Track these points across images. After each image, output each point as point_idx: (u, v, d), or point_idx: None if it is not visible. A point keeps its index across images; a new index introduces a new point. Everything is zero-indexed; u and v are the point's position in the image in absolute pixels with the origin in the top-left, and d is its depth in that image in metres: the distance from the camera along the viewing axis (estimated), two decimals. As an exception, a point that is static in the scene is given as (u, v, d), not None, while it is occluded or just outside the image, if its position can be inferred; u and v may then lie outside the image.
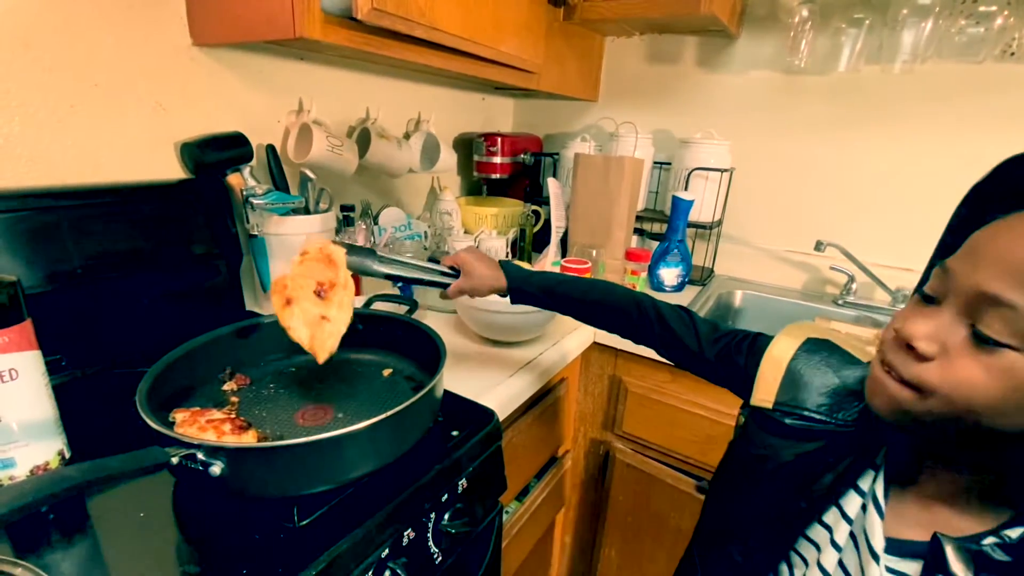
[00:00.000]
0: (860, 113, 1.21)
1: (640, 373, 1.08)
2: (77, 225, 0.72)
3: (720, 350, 0.58)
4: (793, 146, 1.31)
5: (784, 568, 0.49)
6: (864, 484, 0.44)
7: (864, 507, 0.43)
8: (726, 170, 1.28)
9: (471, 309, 0.93)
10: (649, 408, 1.08)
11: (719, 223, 1.37)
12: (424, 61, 0.91)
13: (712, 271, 1.43)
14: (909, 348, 0.36)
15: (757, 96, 1.33)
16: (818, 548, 0.46)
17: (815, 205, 1.31)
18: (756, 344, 0.55)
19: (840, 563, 0.43)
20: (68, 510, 0.50)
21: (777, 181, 1.35)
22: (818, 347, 0.50)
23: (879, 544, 0.40)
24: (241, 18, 0.76)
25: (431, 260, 0.74)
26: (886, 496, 0.42)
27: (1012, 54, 1.03)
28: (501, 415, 0.75)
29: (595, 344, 1.11)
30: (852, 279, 1.25)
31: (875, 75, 1.17)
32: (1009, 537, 0.35)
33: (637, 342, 0.67)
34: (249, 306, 0.97)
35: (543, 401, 0.99)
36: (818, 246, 1.22)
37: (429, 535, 0.58)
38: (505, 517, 0.96)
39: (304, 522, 0.49)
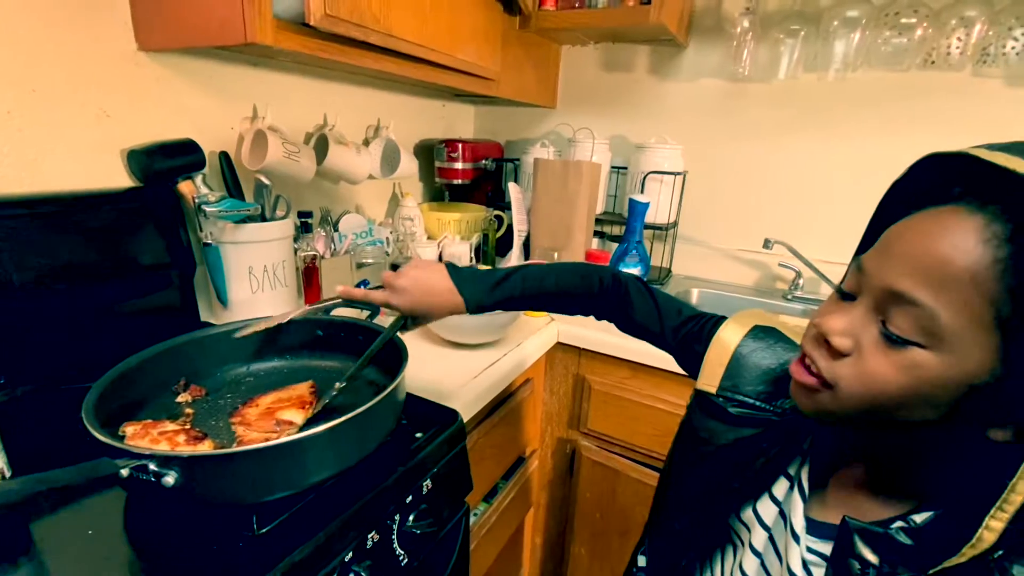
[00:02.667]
0: (800, 118, 1.29)
1: (603, 371, 1.11)
2: (15, 235, 0.68)
3: (682, 338, 0.58)
4: (741, 149, 1.37)
5: (729, 548, 0.51)
6: (792, 469, 0.46)
7: (791, 490, 0.45)
8: (679, 173, 1.33)
9: (434, 313, 0.94)
10: (612, 405, 1.11)
11: (675, 224, 1.41)
12: (380, 68, 0.91)
13: (670, 271, 1.47)
14: (827, 343, 0.37)
15: (706, 102, 1.39)
16: (749, 529, 0.47)
17: (762, 205, 1.38)
18: (714, 330, 0.55)
19: (771, 540, 0.46)
20: (9, 531, 0.48)
21: (727, 183, 1.41)
22: (764, 335, 0.51)
23: (799, 525, 0.42)
24: (189, 23, 0.75)
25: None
26: (811, 482, 0.44)
27: (932, 63, 1.12)
28: (466, 416, 0.76)
29: (559, 344, 1.13)
30: (799, 275, 1.32)
31: (812, 82, 1.25)
32: (914, 521, 0.36)
33: (600, 318, 0.66)
34: (204, 317, 0.95)
35: (509, 402, 1.00)
36: (766, 244, 1.29)
37: (394, 537, 0.58)
38: (473, 519, 0.96)
39: (264, 530, 0.48)
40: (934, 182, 0.35)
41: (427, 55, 0.95)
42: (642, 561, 0.61)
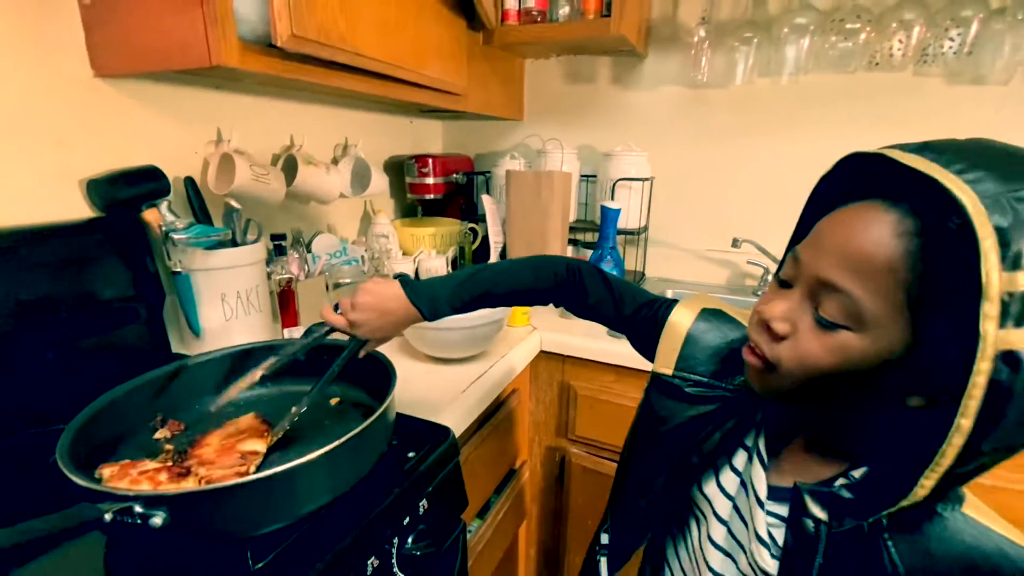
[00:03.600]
0: (758, 121, 1.34)
1: (587, 376, 1.12)
2: (-32, 275, 0.65)
3: (638, 322, 0.61)
4: (704, 153, 1.42)
5: (692, 520, 0.54)
6: (749, 441, 0.50)
7: (750, 460, 0.48)
8: (647, 179, 1.36)
9: (416, 329, 0.93)
10: (598, 410, 1.12)
11: (645, 229, 1.44)
12: (348, 86, 0.91)
13: (644, 274, 1.50)
14: (768, 328, 0.41)
15: (668, 109, 1.43)
16: (711, 501, 0.51)
17: (728, 205, 1.42)
18: (666, 315, 0.57)
19: (736, 508, 0.49)
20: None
21: (693, 186, 1.45)
22: (711, 316, 0.55)
23: (763, 492, 0.45)
24: (149, 47, 0.73)
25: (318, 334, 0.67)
26: (768, 450, 0.47)
27: (877, 64, 1.19)
28: (456, 431, 0.75)
29: (543, 353, 1.13)
30: (767, 271, 1.36)
31: (767, 87, 1.31)
32: (854, 477, 0.41)
33: (557, 307, 0.69)
34: (176, 348, 0.91)
35: (496, 414, 1.00)
36: (734, 243, 1.33)
37: (394, 561, 0.57)
38: (468, 536, 0.95)
39: (259, 565, 0.46)
40: (857, 178, 0.39)
41: (394, 72, 0.95)
42: (605, 539, 0.64)
